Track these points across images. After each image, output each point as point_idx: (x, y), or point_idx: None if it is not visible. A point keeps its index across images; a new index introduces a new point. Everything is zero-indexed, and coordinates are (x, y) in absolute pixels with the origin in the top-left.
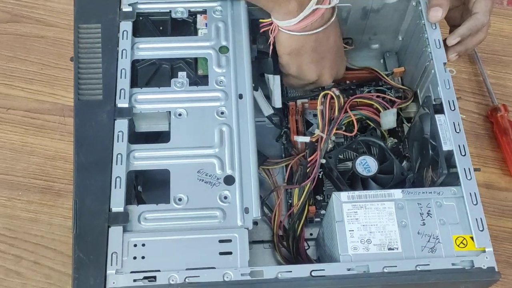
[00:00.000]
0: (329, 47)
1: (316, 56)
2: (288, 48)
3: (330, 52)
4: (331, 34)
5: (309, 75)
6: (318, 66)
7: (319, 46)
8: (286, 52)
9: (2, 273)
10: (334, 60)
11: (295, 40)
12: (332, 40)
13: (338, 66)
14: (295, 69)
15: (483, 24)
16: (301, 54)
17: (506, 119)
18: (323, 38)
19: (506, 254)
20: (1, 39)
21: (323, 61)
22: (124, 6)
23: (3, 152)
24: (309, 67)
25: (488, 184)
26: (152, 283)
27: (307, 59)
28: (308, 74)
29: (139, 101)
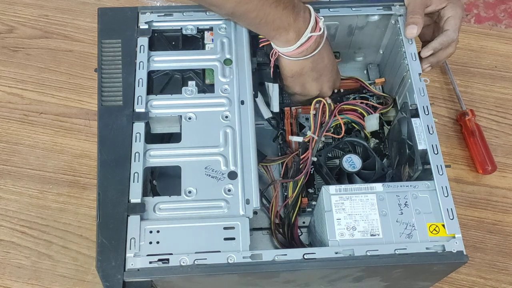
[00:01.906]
0: (325, 65)
1: (315, 74)
2: (290, 71)
3: (326, 69)
4: (324, 54)
5: (312, 91)
6: (318, 82)
7: (317, 66)
8: (289, 75)
9: (35, 256)
10: (330, 75)
11: (295, 64)
12: (327, 59)
13: (334, 79)
14: (299, 88)
15: (453, 39)
16: (302, 75)
17: (473, 122)
18: (318, 59)
19: (473, 239)
20: (34, 53)
21: (322, 77)
22: (141, 24)
23: (36, 151)
24: (311, 85)
25: (457, 179)
26: (165, 264)
27: (308, 78)
28: (310, 90)
29: (154, 106)
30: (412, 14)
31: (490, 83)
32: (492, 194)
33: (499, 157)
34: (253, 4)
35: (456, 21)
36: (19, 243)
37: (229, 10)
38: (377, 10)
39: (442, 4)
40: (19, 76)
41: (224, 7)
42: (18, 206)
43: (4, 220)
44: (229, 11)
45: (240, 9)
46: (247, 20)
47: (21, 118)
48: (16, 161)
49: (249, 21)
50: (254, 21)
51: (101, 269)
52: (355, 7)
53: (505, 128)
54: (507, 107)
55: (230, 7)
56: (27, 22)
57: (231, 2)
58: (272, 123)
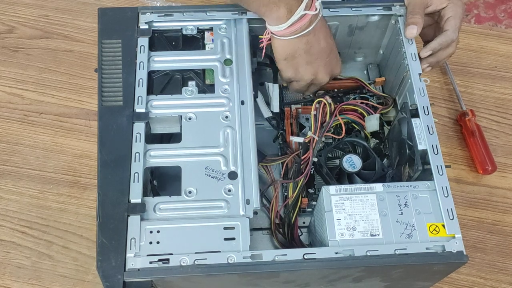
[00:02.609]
0: (321, 48)
1: (309, 57)
2: (283, 53)
3: (322, 53)
4: (321, 37)
5: (306, 75)
6: (313, 66)
7: (311, 49)
8: (282, 57)
9: (36, 256)
10: (327, 60)
11: (289, 45)
12: (323, 42)
13: (332, 65)
14: (292, 72)
15: (453, 40)
16: (295, 58)
17: (473, 123)
18: (313, 41)
19: (473, 240)
20: (34, 53)
21: (317, 61)
22: (141, 24)
23: (36, 151)
24: (305, 68)
25: (457, 179)
26: (165, 264)
27: (301, 61)
28: (304, 74)
29: (154, 106)
30: (412, 14)
31: (490, 83)
32: (492, 194)
33: (499, 157)
34: None
35: (456, 21)
36: (19, 243)
37: None
38: (377, 10)
39: (442, 5)
40: (19, 76)
41: None
42: (18, 206)
43: (5, 220)
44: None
45: None
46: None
47: (21, 118)
48: (17, 161)
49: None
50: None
51: (102, 269)
52: (355, 7)
53: (505, 128)
54: (507, 107)
55: None
56: (27, 22)
57: None
58: (272, 123)
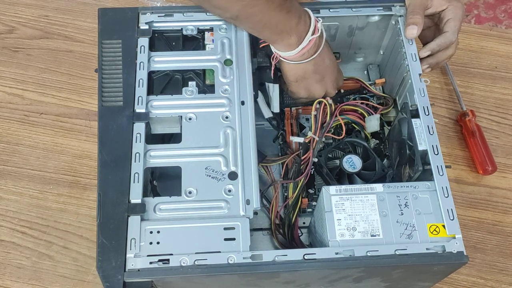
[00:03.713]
0: (326, 66)
1: (318, 76)
2: (294, 76)
3: (328, 70)
4: (325, 55)
5: (317, 93)
6: (322, 84)
7: (318, 68)
8: (293, 79)
9: (36, 256)
10: (333, 75)
11: (298, 68)
12: (327, 60)
13: (337, 78)
14: (304, 92)
15: (452, 41)
16: (306, 79)
17: (474, 123)
18: (319, 60)
19: (474, 240)
20: (35, 53)
21: (325, 78)
22: (141, 24)
23: (36, 151)
24: (316, 87)
25: (457, 179)
26: (165, 265)
27: (312, 81)
28: (316, 93)
29: (154, 107)
30: (412, 14)
31: (491, 83)
32: (492, 195)
33: (499, 157)
34: (259, 7)
35: (455, 23)
36: (19, 243)
37: (234, 13)
38: (378, 10)
39: (442, 6)
40: (20, 77)
41: (229, 10)
42: (18, 206)
43: (5, 220)
44: (234, 14)
45: (245, 12)
46: (250, 24)
47: (21, 119)
48: (17, 162)
49: (252, 25)
50: (258, 25)
51: (102, 269)
52: (355, 7)
53: (505, 129)
54: (507, 107)
55: (235, 10)
56: (27, 22)
57: (237, 5)
58: (273, 123)
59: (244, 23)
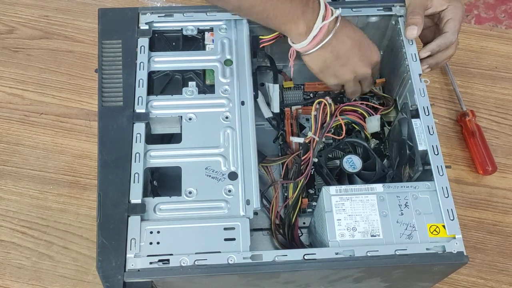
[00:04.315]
0: (348, 47)
1: (342, 60)
2: (316, 67)
3: (352, 51)
4: (344, 37)
5: (346, 76)
6: (349, 66)
7: (339, 53)
8: (318, 70)
9: (36, 256)
10: (360, 54)
11: (317, 58)
12: (348, 41)
13: (367, 55)
14: (333, 79)
15: (452, 42)
16: (329, 67)
17: (474, 123)
18: (337, 44)
19: (474, 240)
20: (35, 53)
21: (350, 60)
22: (141, 25)
23: (36, 152)
24: (343, 71)
25: (457, 179)
26: (165, 265)
27: (336, 66)
28: (345, 75)
29: (154, 107)
30: (412, 14)
31: (491, 83)
32: (492, 195)
33: (500, 157)
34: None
35: (455, 23)
36: (19, 243)
37: (235, 4)
38: (377, 11)
39: (442, 6)
40: (20, 77)
41: (229, 2)
42: (18, 206)
43: (5, 220)
44: (235, 5)
45: (246, 2)
46: (254, 15)
47: (21, 119)
48: (17, 162)
49: (256, 16)
50: (261, 15)
51: (102, 269)
52: (355, 7)
53: (505, 129)
54: (507, 107)
55: (235, 1)
56: (27, 22)
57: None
58: (273, 123)
59: (247, 14)
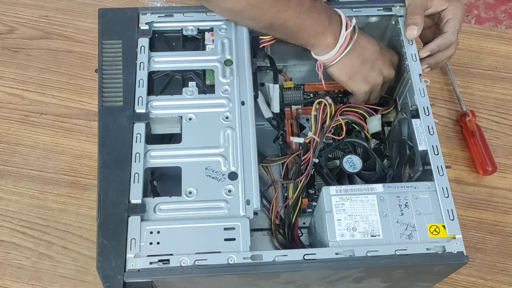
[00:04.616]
0: (370, 52)
1: (368, 64)
2: (345, 75)
3: (374, 54)
4: (364, 43)
5: (376, 79)
6: (376, 68)
7: (365, 56)
8: (346, 78)
9: (36, 256)
10: (382, 57)
11: (344, 66)
12: (369, 46)
13: (388, 57)
14: (364, 85)
15: (451, 42)
16: (357, 72)
17: (474, 123)
18: (361, 50)
19: (474, 240)
20: (35, 54)
21: (376, 62)
22: (141, 25)
23: (36, 152)
24: (371, 75)
25: (458, 179)
26: (165, 265)
27: (365, 71)
28: (374, 78)
29: (154, 107)
30: (412, 15)
31: (491, 83)
32: (492, 195)
33: (500, 157)
34: (291, 11)
35: (455, 23)
36: (19, 243)
37: (267, 21)
38: (377, 11)
39: (442, 6)
40: (20, 77)
41: (262, 20)
42: (18, 206)
43: (5, 220)
44: (267, 23)
45: (278, 19)
46: (285, 30)
47: (21, 119)
48: (17, 162)
49: (287, 31)
50: (292, 29)
51: (102, 269)
52: (355, 7)
53: (505, 129)
54: (507, 107)
55: (268, 18)
56: (27, 22)
57: (269, 13)
58: (273, 123)
59: (278, 31)
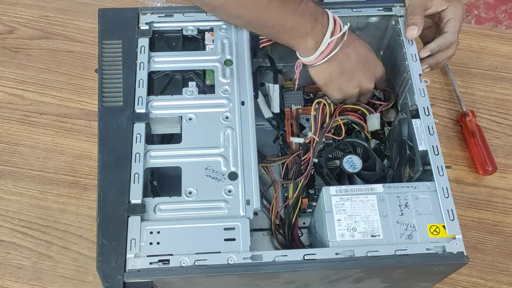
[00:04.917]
0: (354, 63)
1: (346, 75)
2: (321, 80)
3: (357, 66)
4: (350, 52)
5: (350, 90)
6: (354, 81)
7: (344, 67)
8: (322, 83)
9: (36, 256)
10: (365, 69)
11: (322, 71)
12: (354, 56)
13: (371, 70)
14: (337, 93)
15: (452, 41)
16: (333, 80)
17: (474, 123)
18: (344, 60)
19: (474, 240)
20: (35, 54)
21: (355, 75)
22: (141, 25)
23: (36, 152)
24: (347, 85)
25: (458, 179)
26: (165, 265)
27: (341, 82)
28: (349, 90)
29: (154, 107)
30: (412, 15)
31: (491, 84)
32: (492, 195)
33: (500, 158)
34: (272, 12)
35: (455, 23)
36: (19, 243)
37: (248, 19)
38: (378, 11)
39: (442, 6)
40: (20, 77)
41: (243, 17)
42: (18, 206)
43: (5, 220)
44: (248, 20)
45: (258, 19)
46: (266, 30)
47: (21, 119)
48: (17, 162)
49: (268, 31)
50: (272, 30)
51: (102, 269)
52: (355, 8)
53: (505, 129)
54: (507, 108)
55: (249, 16)
56: (27, 22)
57: (249, 12)
58: (273, 123)
59: (260, 30)
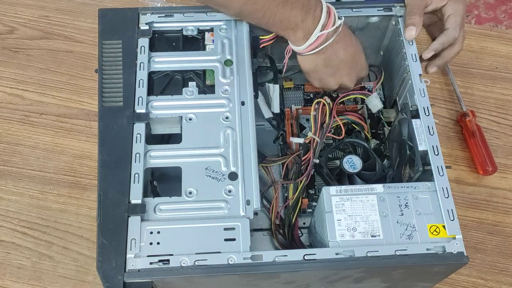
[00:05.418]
0: (340, 60)
1: (330, 70)
2: (305, 68)
3: (343, 64)
4: (339, 49)
5: (330, 85)
6: (336, 77)
7: (330, 62)
8: (305, 71)
9: (36, 256)
10: (349, 68)
11: (308, 61)
12: (342, 54)
13: (356, 71)
14: (317, 82)
15: (454, 38)
16: (317, 72)
17: (474, 123)
18: (332, 55)
19: (474, 240)
20: (35, 54)
21: (339, 72)
22: (141, 25)
23: (36, 152)
24: (327, 80)
25: (458, 179)
26: (166, 265)
27: (323, 74)
28: (328, 85)
29: (154, 107)
30: (410, 15)
31: (491, 84)
32: (492, 195)
33: (500, 158)
34: (260, 4)
35: (456, 18)
36: (19, 243)
37: (236, 10)
38: (378, 11)
39: (442, 2)
40: (20, 77)
41: (231, 7)
42: (18, 206)
43: (5, 220)
44: (236, 11)
45: (246, 9)
46: (254, 20)
47: (21, 119)
48: (17, 162)
49: (257, 21)
50: (261, 20)
51: (102, 269)
52: (355, 8)
53: (505, 129)
54: (507, 108)
55: (236, 7)
56: (27, 23)
57: (237, 2)
58: (273, 123)
59: (248, 19)
